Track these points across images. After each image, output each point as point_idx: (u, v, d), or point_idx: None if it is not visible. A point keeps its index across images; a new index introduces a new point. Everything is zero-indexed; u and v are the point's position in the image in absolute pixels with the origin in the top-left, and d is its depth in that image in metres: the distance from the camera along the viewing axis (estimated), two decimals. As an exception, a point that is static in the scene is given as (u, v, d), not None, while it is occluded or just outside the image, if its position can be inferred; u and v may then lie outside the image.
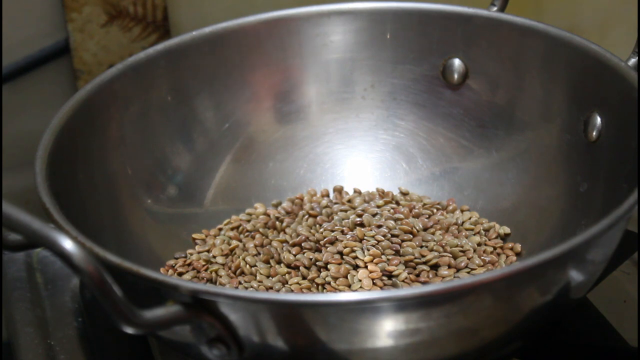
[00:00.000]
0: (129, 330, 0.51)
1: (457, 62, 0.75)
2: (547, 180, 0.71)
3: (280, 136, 0.77)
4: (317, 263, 0.67)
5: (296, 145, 0.77)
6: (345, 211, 0.73)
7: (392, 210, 0.71)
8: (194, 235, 0.73)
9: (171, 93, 0.74)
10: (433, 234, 0.70)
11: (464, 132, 0.75)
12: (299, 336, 0.54)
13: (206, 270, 0.69)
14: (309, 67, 0.77)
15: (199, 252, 0.71)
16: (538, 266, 0.54)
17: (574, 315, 0.67)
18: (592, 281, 0.60)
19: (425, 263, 0.67)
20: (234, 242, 0.71)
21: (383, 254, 0.67)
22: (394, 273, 0.66)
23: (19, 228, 0.50)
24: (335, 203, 0.74)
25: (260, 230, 0.72)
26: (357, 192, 0.76)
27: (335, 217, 0.72)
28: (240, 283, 0.68)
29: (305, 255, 0.68)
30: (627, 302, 0.69)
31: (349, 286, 0.66)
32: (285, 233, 0.72)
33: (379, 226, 0.69)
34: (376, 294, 0.56)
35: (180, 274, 0.69)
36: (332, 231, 0.69)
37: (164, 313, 0.52)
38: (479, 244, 0.70)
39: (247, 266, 0.69)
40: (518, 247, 0.70)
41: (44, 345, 0.68)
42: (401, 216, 0.70)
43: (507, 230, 0.71)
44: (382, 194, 0.75)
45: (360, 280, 0.65)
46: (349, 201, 0.75)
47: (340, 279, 0.66)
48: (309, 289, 0.66)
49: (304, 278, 0.67)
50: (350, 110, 0.78)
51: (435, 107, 0.76)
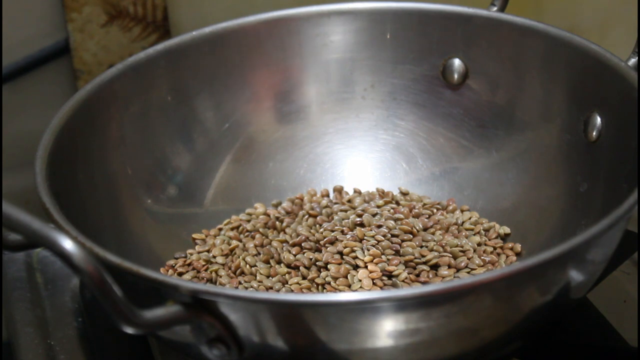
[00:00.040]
0: (129, 330, 0.51)
1: (457, 62, 0.75)
2: (547, 180, 0.71)
3: (280, 136, 0.77)
4: (317, 263, 0.67)
5: (296, 145, 0.77)
6: (345, 211, 0.72)
7: (392, 210, 0.71)
8: (194, 235, 0.73)
9: (171, 93, 0.74)
10: (433, 234, 0.70)
11: (464, 132, 0.75)
12: (299, 336, 0.54)
13: (206, 270, 0.69)
14: (309, 67, 0.77)
15: (199, 252, 0.71)
16: (538, 266, 0.54)
17: (574, 315, 0.67)
18: (592, 281, 0.60)
19: (425, 263, 0.67)
20: (234, 242, 0.71)
21: (383, 254, 0.67)
22: (394, 273, 0.66)
23: (19, 228, 0.50)
24: (335, 203, 0.74)
25: (260, 230, 0.72)
26: (357, 192, 0.76)
27: (335, 217, 0.71)
28: (240, 283, 0.68)
29: (305, 255, 0.68)
30: (627, 302, 0.69)
31: (349, 286, 0.66)
32: (285, 233, 0.72)
33: (379, 226, 0.69)
34: (376, 294, 0.56)
35: (180, 274, 0.69)
36: (332, 231, 0.69)
37: (164, 313, 0.52)
38: (479, 244, 0.70)
39: (247, 266, 0.69)
40: (518, 247, 0.70)
41: (44, 345, 0.67)
42: (401, 216, 0.70)
43: (507, 230, 0.71)
44: (382, 194, 0.75)
45: (360, 280, 0.65)
46: (349, 201, 0.75)
47: (340, 279, 0.66)
48: (309, 289, 0.66)
49: (304, 278, 0.67)
50: (350, 110, 0.78)
51: (435, 107, 0.76)
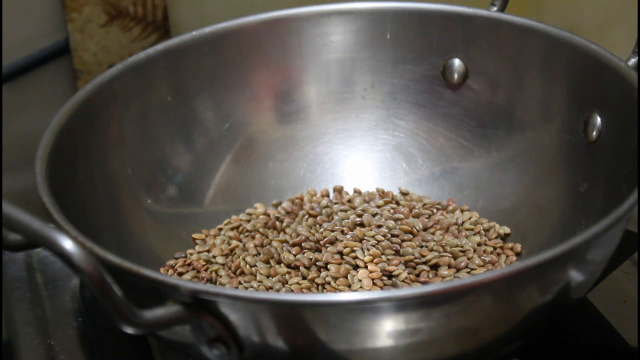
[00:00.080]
0: (129, 330, 0.51)
1: (457, 62, 0.75)
2: (547, 180, 0.71)
3: (280, 136, 0.77)
4: (317, 263, 0.67)
5: (296, 145, 0.77)
6: (345, 211, 0.72)
7: (392, 210, 0.71)
8: (194, 235, 0.73)
9: (171, 93, 0.74)
10: (433, 234, 0.70)
11: (464, 132, 0.75)
12: (299, 336, 0.54)
13: (206, 270, 0.69)
14: (309, 67, 0.77)
15: (199, 252, 0.71)
16: (538, 266, 0.54)
17: (574, 315, 0.67)
18: (592, 281, 0.60)
19: (425, 263, 0.67)
20: (234, 242, 0.71)
21: (383, 254, 0.67)
22: (394, 273, 0.66)
23: (19, 228, 0.50)
24: (335, 203, 0.74)
25: (260, 230, 0.72)
26: (357, 192, 0.76)
27: (335, 217, 0.71)
28: (240, 283, 0.68)
29: (305, 255, 0.68)
30: (627, 302, 0.69)
31: (349, 286, 0.65)
32: (285, 233, 0.72)
33: (379, 226, 0.69)
34: (376, 294, 0.56)
35: (180, 274, 0.69)
36: (332, 231, 0.69)
37: (164, 313, 0.52)
38: (479, 244, 0.70)
39: (247, 266, 0.69)
40: (518, 247, 0.70)
41: (44, 345, 0.67)
42: (401, 216, 0.70)
43: (507, 230, 0.71)
44: (382, 194, 0.75)
45: (360, 280, 0.65)
46: (349, 201, 0.75)
47: (340, 279, 0.66)
48: (309, 289, 0.66)
49: (304, 278, 0.67)
50: (350, 110, 0.78)
51: (435, 107, 0.76)
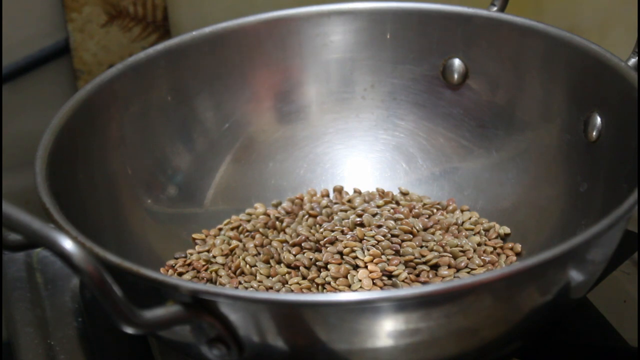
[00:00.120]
0: (129, 330, 0.51)
1: (457, 62, 0.75)
2: (547, 180, 0.71)
3: (280, 136, 0.77)
4: (317, 263, 0.67)
5: (296, 145, 0.77)
6: (345, 211, 0.72)
7: (392, 210, 0.71)
8: (194, 235, 0.73)
9: (171, 93, 0.74)
10: (433, 234, 0.70)
11: (464, 132, 0.75)
12: (299, 336, 0.54)
13: (206, 270, 0.69)
14: (309, 67, 0.77)
15: (199, 252, 0.71)
16: (538, 266, 0.54)
17: (574, 315, 0.67)
18: (592, 281, 0.60)
19: (425, 263, 0.67)
20: (234, 242, 0.71)
21: (383, 254, 0.67)
22: (394, 273, 0.66)
23: (19, 228, 0.50)
24: (335, 203, 0.74)
25: (260, 230, 0.72)
26: (357, 192, 0.76)
27: (335, 217, 0.71)
28: (240, 283, 0.68)
29: (305, 255, 0.68)
30: (627, 302, 0.69)
31: (349, 286, 0.65)
32: (285, 233, 0.72)
33: (379, 226, 0.69)
34: (376, 294, 0.56)
35: (180, 274, 0.69)
36: (332, 231, 0.69)
37: (164, 313, 0.52)
38: (479, 244, 0.70)
39: (247, 266, 0.69)
40: (518, 247, 0.70)
41: (44, 345, 0.67)
42: (401, 216, 0.70)
43: (507, 230, 0.71)
44: (382, 194, 0.75)
45: (360, 280, 0.65)
46: (349, 201, 0.75)
47: (340, 279, 0.66)
48: (309, 289, 0.66)
49: (304, 278, 0.67)
50: (350, 110, 0.78)
51: (435, 107, 0.76)
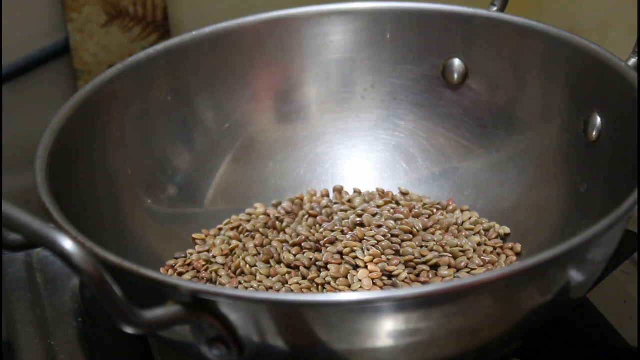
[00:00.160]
0: (129, 330, 0.51)
1: (457, 62, 0.75)
2: (547, 180, 0.71)
3: (280, 136, 0.77)
4: (317, 263, 0.67)
5: (296, 145, 0.77)
6: (345, 211, 0.72)
7: (392, 210, 0.71)
8: (194, 235, 0.73)
9: (171, 93, 0.74)
10: (433, 234, 0.70)
11: (464, 132, 0.75)
12: (299, 336, 0.54)
13: (206, 270, 0.69)
14: (309, 67, 0.77)
15: (199, 252, 0.71)
16: (538, 266, 0.54)
17: (574, 315, 0.67)
18: (592, 281, 0.60)
19: (425, 263, 0.67)
20: (234, 242, 0.71)
21: (383, 254, 0.67)
22: (394, 273, 0.66)
23: (19, 228, 0.50)
24: (335, 203, 0.74)
25: (260, 230, 0.72)
26: (357, 192, 0.76)
27: (335, 217, 0.71)
28: (240, 283, 0.68)
29: (305, 255, 0.68)
30: (627, 302, 0.69)
31: (349, 286, 0.65)
32: (285, 233, 0.72)
33: (379, 226, 0.69)
34: (376, 294, 0.56)
35: (180, 274, 0.69)
36: (332, 231, 0.69)
37: (164, 313, 0.52)
38: (479, 244, 0.70)
39: (247, 266, 0.69)
40: (518, 247, 0.70)
41: (44, 345, 0.67)
42: (401, 216, 0.70)
43: (507, 230, 0.71)
44: (382, 194, 0.75)
45: (360, 280, 0.65)
46: (349, 201, 0.75)
47: (340, 279, 0.66)
48: (309, 289, 0.66)
49: (304, 278, 0.67)
50: (350, 110, 0.78)
51: (435, 107, 0.76)
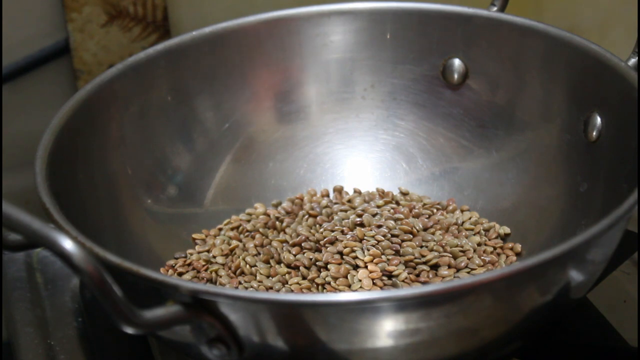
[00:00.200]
0: (129, 330, 0.51)
1: (457, 62, 0.75)
2: (547, 180, 0.71)
3: (280, 136, 0.77)
4: (317, 263, 0.67)
5: (296, 145, 0.77)
6: (345, 211, 0.72)
7: (392, 210, 0.71)
8: (194, 235, 0.73)
9: (171, 93, 0.74)
10: (433, 234, 0.70)
11: (464, 132, 0.75)
12: (299, 336, 0.54)
13: (206, 270, 0.69)
14: (309, 67, 0.77)
15: (199, 252, 0.71)
16: (538, 266, 0.54)
17: (574, 315, 0.67)
18: (592, 281, 0.60)
19: (425, 263, 0.67)
20: (234, 242, 0.71)
21: (383, 254, 0.67)
22: (394, 273, 0.66)
23: (19, 228, 0.50)
24: (335, 203, 0.74)
25: (260, 230, 0.72)
26: (357, 192, 0.76)
27: (335, 217, 0.71)
28: (240, 283, 0.68)
29: (305, 255, 0.68)
30: (627, 302, 0.69)
31: (349, 286, 0.65)
32: (285, 233, 0.72)
33: (379, 226, 0.69)
34: (376, 294, 0.56)
35: (180, 274, 0.69)
36: (332, 231, 0.69)
37: (164, 313, 0.52)
38: (479, 244, 0.70)
39: (247, 266, 0.69)
40: (518, 247, 0.70)
41: (44, 345, 0.67)
42: (401, 216, 0.70)
43: (507, 230, 0.71)
44: (382, 194, 0.75)
45: (360, 280, 0.65)
46: (349, 201, 0.74)
47: (340, 279, 0.66)
48: (309, 289, 0.66)
49: (304, 278, 0.67)
50: (350, 110, 0.78)
51: (435, 107, 0.76)
